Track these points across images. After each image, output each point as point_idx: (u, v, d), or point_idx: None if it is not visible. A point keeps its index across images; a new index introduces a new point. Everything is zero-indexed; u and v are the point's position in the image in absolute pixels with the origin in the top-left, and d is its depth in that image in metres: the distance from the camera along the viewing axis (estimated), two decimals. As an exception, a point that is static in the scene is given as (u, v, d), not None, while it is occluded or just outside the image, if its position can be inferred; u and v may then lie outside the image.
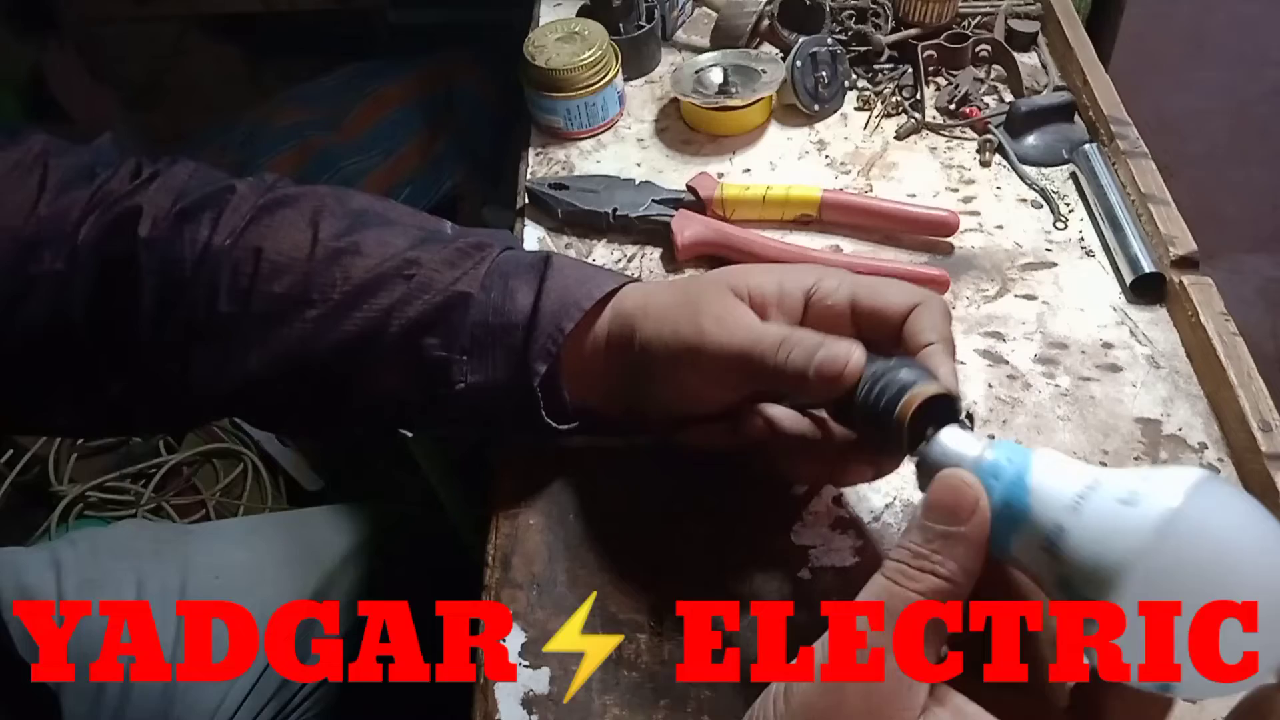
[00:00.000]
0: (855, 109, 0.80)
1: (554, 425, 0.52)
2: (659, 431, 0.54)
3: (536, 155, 0.79)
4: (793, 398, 0.50)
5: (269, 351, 0.50)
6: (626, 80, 0.83)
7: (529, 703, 0.48)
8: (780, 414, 0.49)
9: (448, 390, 0.50)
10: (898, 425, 0.41)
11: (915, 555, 0.33)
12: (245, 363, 0.51)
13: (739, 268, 0.52)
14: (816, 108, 0.79)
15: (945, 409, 0.41)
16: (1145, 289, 0.64)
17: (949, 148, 0.77)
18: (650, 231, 0.71)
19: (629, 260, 0.70)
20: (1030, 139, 0.75)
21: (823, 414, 0.50)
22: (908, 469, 0.53)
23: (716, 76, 0.79)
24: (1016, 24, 0.84)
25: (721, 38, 0.84)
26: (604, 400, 0.53)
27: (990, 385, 0.60)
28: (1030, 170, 0.74)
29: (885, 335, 0.47)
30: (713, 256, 0.69)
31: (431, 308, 0.50)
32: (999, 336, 0.63)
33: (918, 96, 0.80)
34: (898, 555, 0.34)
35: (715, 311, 0.48)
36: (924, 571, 0.33)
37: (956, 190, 0.73)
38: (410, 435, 0.61)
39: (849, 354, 0.43)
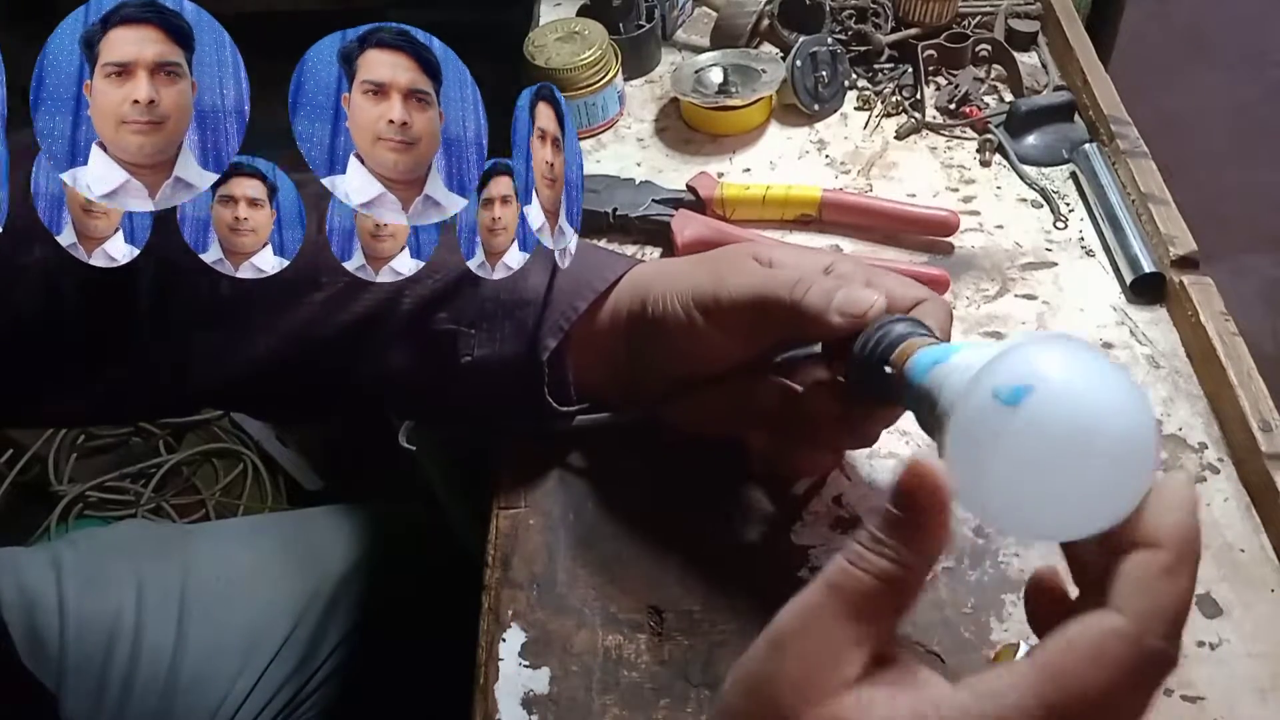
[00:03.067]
0: (855, 109, 0.80)
1: (555, 405, 0.52)
2: (659, 404, 0.54)
3: (536, 155, 0.79)
4: (804, 339, 0.50)
5: (273, 336, 0.50)
6: (626, 80, 0.83)
7: (529, 703, 0.48)
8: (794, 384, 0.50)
9: (454, 363, 0.51)
10: (894, 374, 0.42)
11: (873, 540, 0.34)
12: (246, 349, 0.51)
13: (761, 243, 0.54)
14: (816, 107, 0.79)
15: None
16: (1145, 289, 0.64)
17: (949, 148, 0.77)
18: (650, 231, 0.71)
19: (629, 260, 0.70)
20: (1030, 139, 0.75)
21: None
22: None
23: (716, 76, 0.79)
24: (1016, 24, 0.84)
25: (721, 37, 0.84)
26: (606, 382, 0.54)
27: (990, 385, 0.60)
28: (1030, 170, 0.74)
29: None
30: (713, 256, 0.69)
31: (442, 285, 0.51)
32: (999, 336, 0.63)
33: (918, 96, 0.79)
34: (857, 537, 0.34)
35: (735, 266, 0.50)
36: (879, 556, 0.33)
37: (956, 190, 0.73)
38: (413, 449, 0.61)
39: (871, 298, 0.45)
